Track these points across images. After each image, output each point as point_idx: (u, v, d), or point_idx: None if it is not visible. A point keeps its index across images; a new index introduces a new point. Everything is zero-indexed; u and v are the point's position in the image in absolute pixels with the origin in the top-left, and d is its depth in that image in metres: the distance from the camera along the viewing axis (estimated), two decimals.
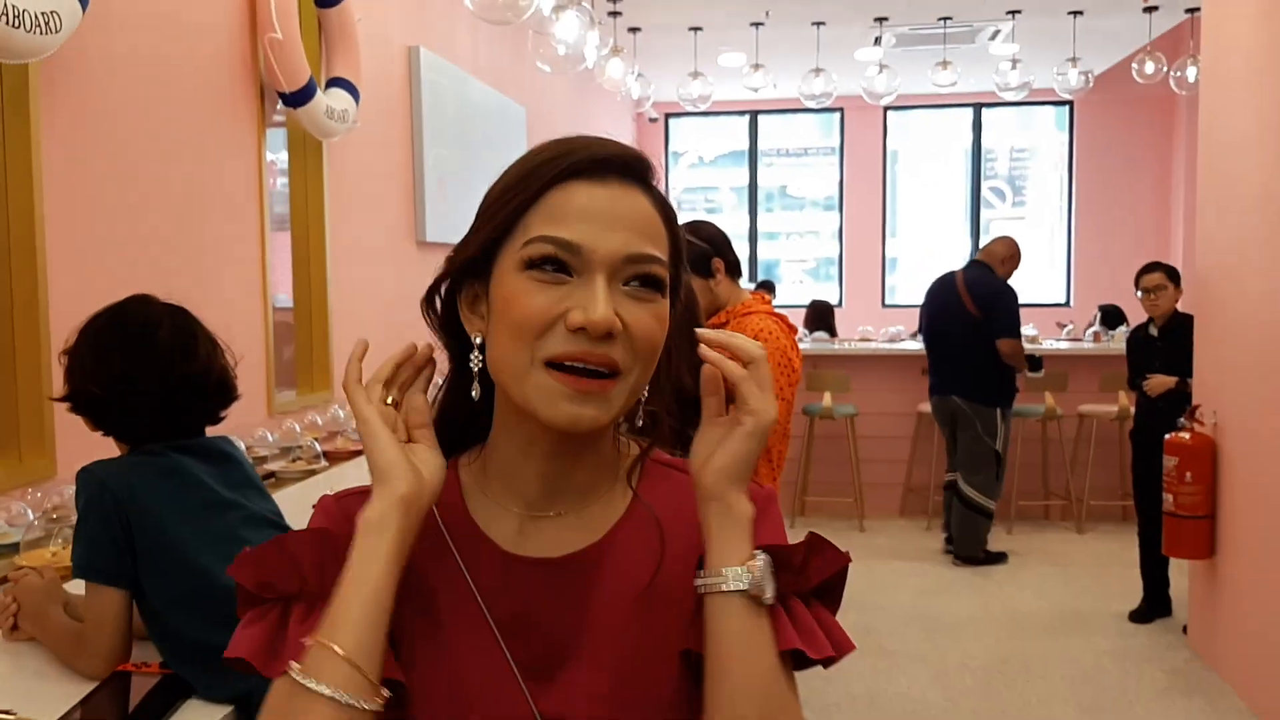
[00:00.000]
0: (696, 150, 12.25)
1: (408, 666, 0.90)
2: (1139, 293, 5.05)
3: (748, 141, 11.93)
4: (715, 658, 0.86)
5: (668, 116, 11.77)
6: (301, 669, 0.83)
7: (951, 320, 5.84)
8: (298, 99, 3.85)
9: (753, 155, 11.95)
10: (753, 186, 11.96)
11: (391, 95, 5.10)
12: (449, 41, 5.88)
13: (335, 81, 4.25)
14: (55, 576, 1.87)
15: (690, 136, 12.20)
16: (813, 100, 8.06)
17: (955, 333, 5.83)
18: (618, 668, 0.91)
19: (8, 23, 2.28)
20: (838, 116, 11.53)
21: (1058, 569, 5.86)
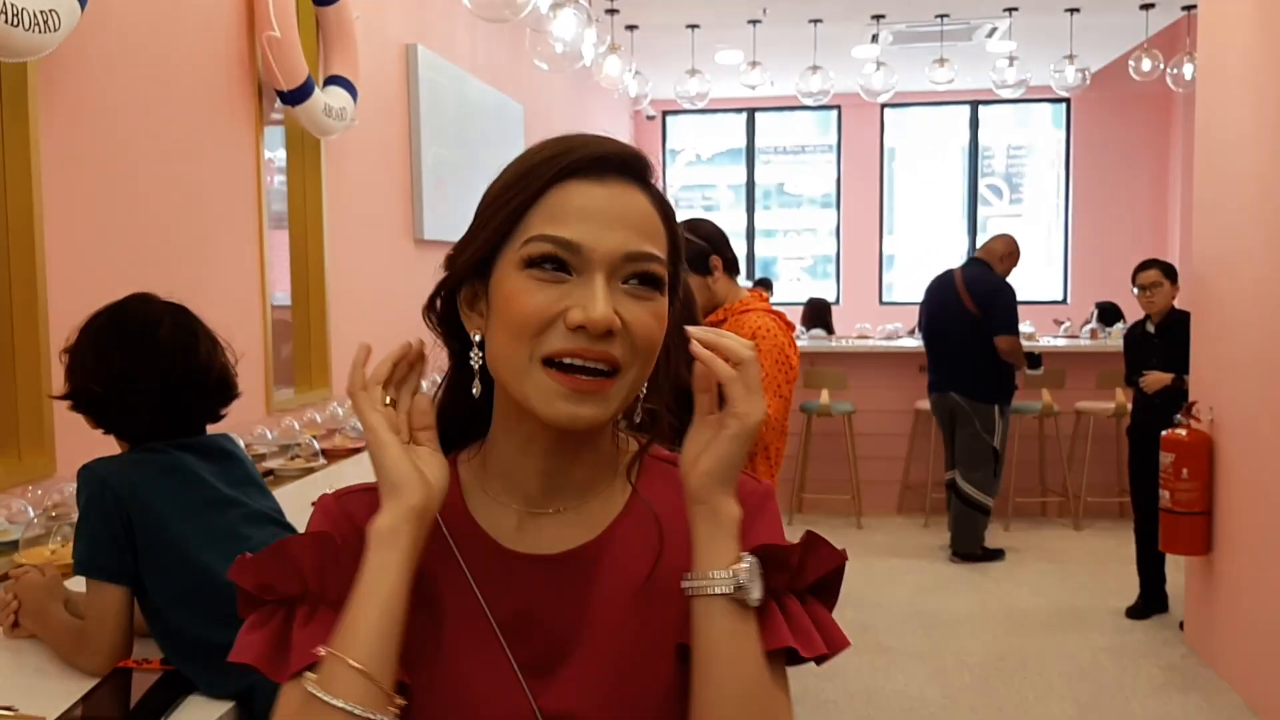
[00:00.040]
0: (694, 148, 12.26)
1: (409, 665, 0.90)
2: (1135, 290, 5.07)
3: (745, 139, 11.94)
4: (701, 660, 0.87)
5: (665, 114, 11.78)
6: (316, 680, 0.83)
7: (950, 318, 5.85)
8: (296, 97, 3.86)
9: (750, 153, 11.96)
10: (750, 184, 11.97)
11: (389, 93, 5.10)
12: (447, 39, 5.88)
13: (333, 79, 4.26)
14: (56, 574, 1.87)
15: (687, 134, 12.21)
16: (810, 98, 8.07)
17: (954, 330, 5.84)
18: (616, 663, 0.91)
19: (7, 21, 2.28)
20: (835, 114, 11.54)
21: (1055, 566, 5.87)
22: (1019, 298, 5.86)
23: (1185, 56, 7.35)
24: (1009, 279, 5.88)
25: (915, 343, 7.18)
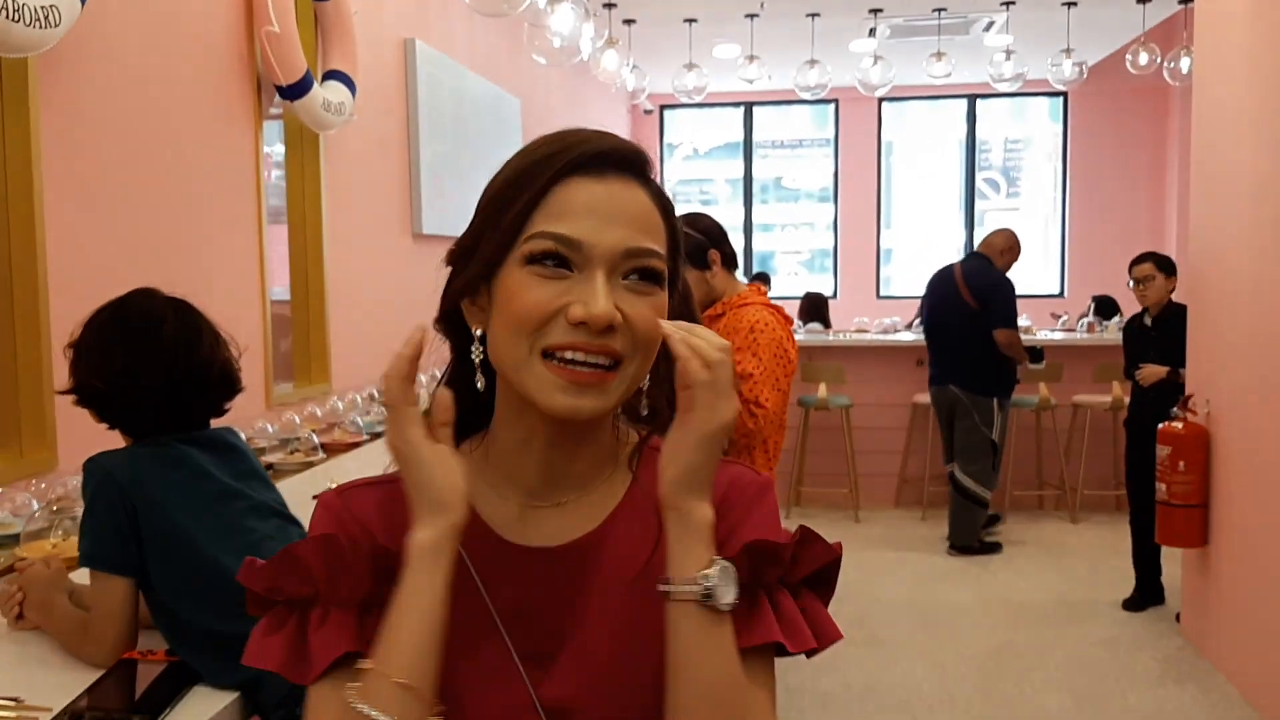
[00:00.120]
0: (691, 142, 12.25)
1: None
2: (1131, 283, 5.09)
3: (742, 133, 11.93)
4: (672, 662, 0.88)
5: (662, 108, 11.77)
6: (359, 695, 0.85)
7: (950, 311, 5.88)
8: (294, 92, 3.86)
9: (747, 147, 11.95)
10: (747, 178, 11.97)
11: (387, 88, 5.11)
12: (444, 34, 5.88)
13: (331, 74, 4.26)
14: (61, 566, 1.88)
15: (685, 128, 12.20)
16: (807, 92, 8.07)
17: (953, 324, 5.87)
18: (613, 652, 0.92)
19: (7, 16, 2.29)
20: (832, 108, 11.54)
21: (1052, 558, 5.89)
22: (1017, 292, 5.88)
23: (1182, 50, 7.35)
24: (1010, 273, 5.90)
25: (912, 336, 7.20)
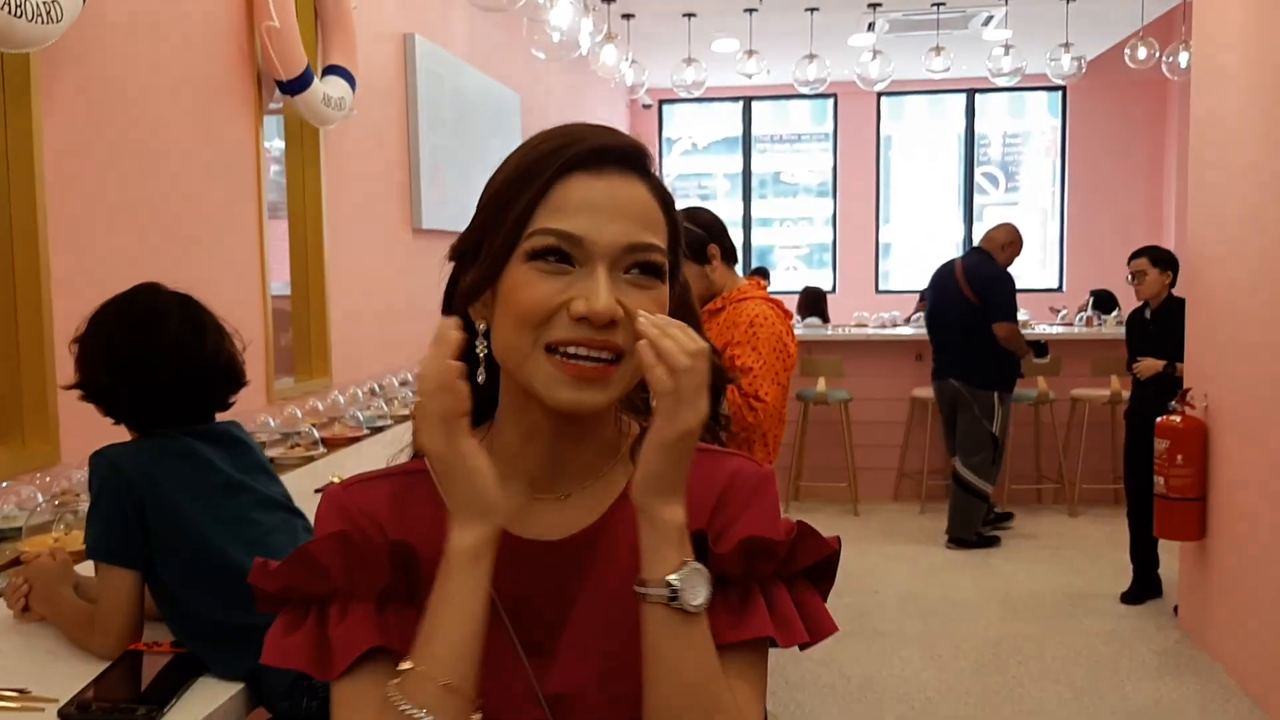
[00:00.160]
0: (690, 136, 12.25)
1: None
2: (1129, 277, 5.11)
3: (741, 128, 11.93)
4: (646, 662, 0.89)
5: (661, 103, 11.77)
6: (401, 694, 0.86)
7: (951, 306, 5.90)
8: (295, 86, 3.87)
9: (746, 141, 11.95)
10: (746, 173, 11.97)
11: (387, 83, 5.11)
12: (444, 29, 5.88)
13: (332, 69, 4.27)
14: (67, 558, 1.89)
15: (684, 123, 12.20)
16: (806, 86, 8.06)
17: (953, 319, 5.90)
18: (612, 643, 0.93)
19: (10, 12, 2.30)
20: (831, 103, 11.54)
21: (1050, 552, 5.90)
22: (1016, 286, 5.90)
23: (1181, 44, 7.35)
24: (1011, 267, 5.91)
25: (911, 331, 7.22)
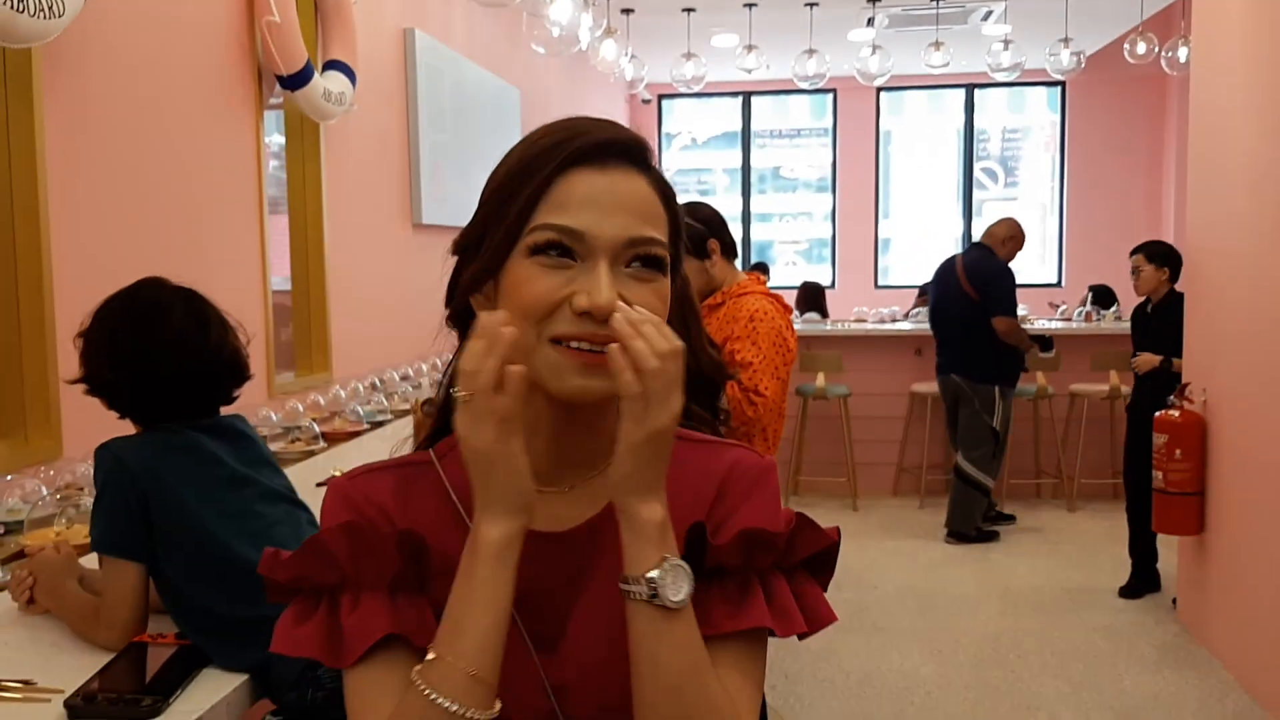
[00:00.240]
0: (689, 131, 12.26)
1: (431, 635, 0.93)
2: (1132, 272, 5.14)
3: (741, 123, 11.93)
4: (631, 658, 0.90)
5: (661, 98, 11.77)
6: (426, 683, 0.87)
7: (951, 302, 5.92)
8: (295, 81, 3.87)
9: (745, 137, 11.96)
10: (745, 168, 11.97)
11: (387, 78, 5.11)
12: (444, 24, 5.89)
13: (332, 64, 4.27)
14: (71, 551, 1.90)
15: (683, 118, 12.21)
16: (806, 81, 8.06)
17: (954, 314, 5.92)
18: (615, 633, 0.93)
19: (11, 7, 2.30)
20: (831, 98, 11.54)
21: (1049, 546, 5.92)
22: (1016, 281, 5.91)
23: (1180, 40, 7.35)
24: (1013, 262, 5.92)
25: (911, 326, 7.23)
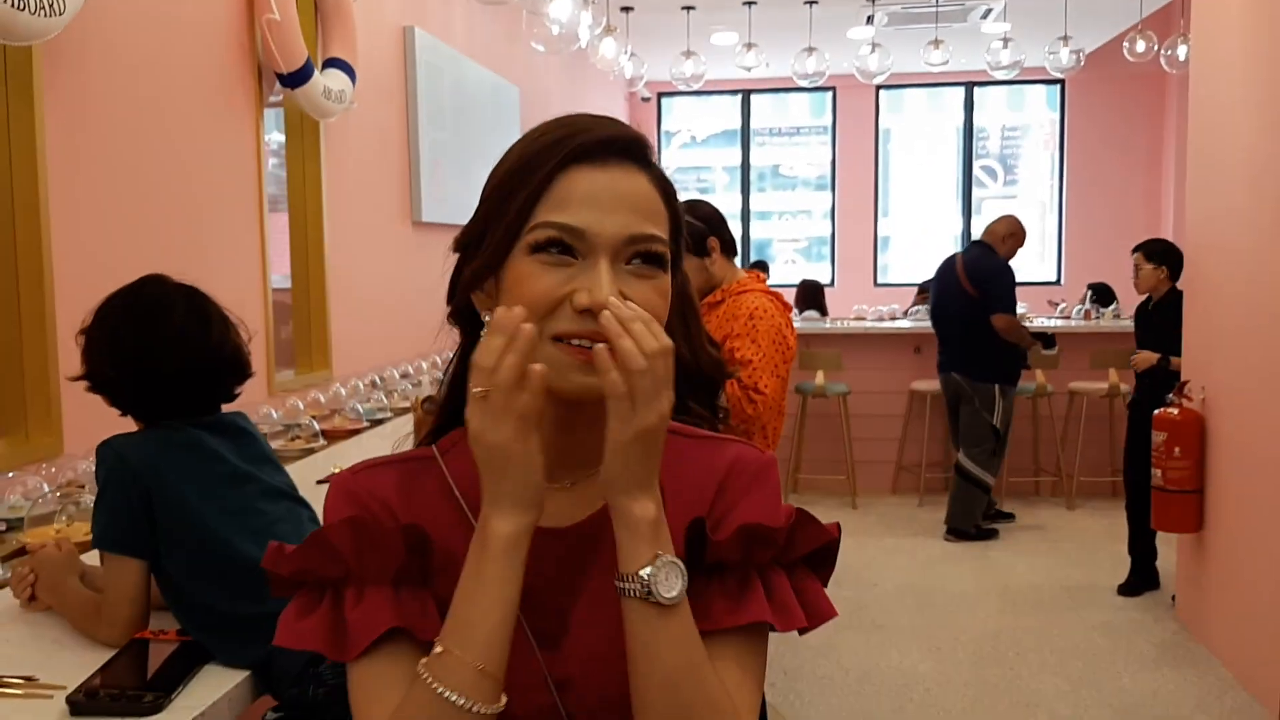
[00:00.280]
0: (689, 130, 12.26)
1: (437, 631, 0.93)
2: None
3: (740, 121, 11.93)
4: (628, 655, 0.91)
5: (660, 96, 11.77)
6: (434, 677, 0.87)
7: (952, 300, 5.93)
8: (295, 79, 3.87)
9: (745, 135, 11.96)
10: (745, 166, 11.97)
11: (387, 76, 5.12)
12: (444, 22, 5.89)
13: (332, 62, 4.27)
14: (72, 548, 1.91)
15: (683, 116, 12.21)
16: (805, 79, 8.05)
17: (954, 312, 5.93)
18: (615, 630, 0.94)
19: (12, 5, 2.31)
20: (830, 96, 11.54)
21: (1048, 544, 5.92)
22: (1015, 278, 5.92)
23: (1179, 38, 7.35)
24: (1013, 259, 5.93)
25: (910, 324, 7.23)
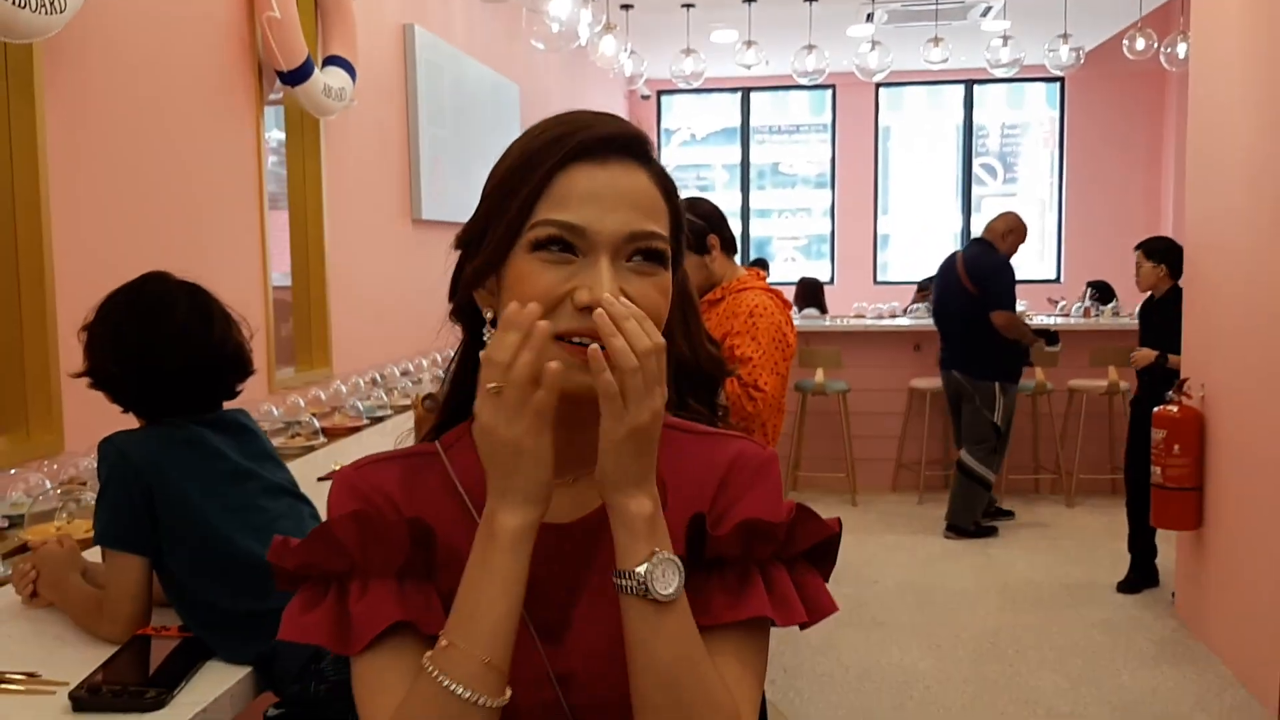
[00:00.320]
0: (689, 127, 12.27)
1: (442, 625, 0.94)
2: None
3: (740, 119, 11.94)
4: (627, 652, 0.92)
5: (660, 94, 11.77)
6: (436, 665, 0.88)
7: (952, 297, 5.94)
8: (296, 77, 3.88)
9: (745, 132, 11.96)
10: (745, 164, 11.98)
11: (387, 74, 5.12)
12: (443, 19, 5.89)
13: (332, 60, 4.28)
14: (74, 545, 1.91)
15: (682, 114, 12.21)
16: (805, 77, 8.05)
17: (954, 310, 5.94)
18: (617, 626, 0.94)
19: (13, 3, 2.31)
20: (830, 93, 11.54)
21: (1048, 542, 5.93)
22: (1015, 276, 5.92)
23: (1179, 35, 7.35)
24: (1015, 255, 5.93)
25: (909, 322, 7.24)
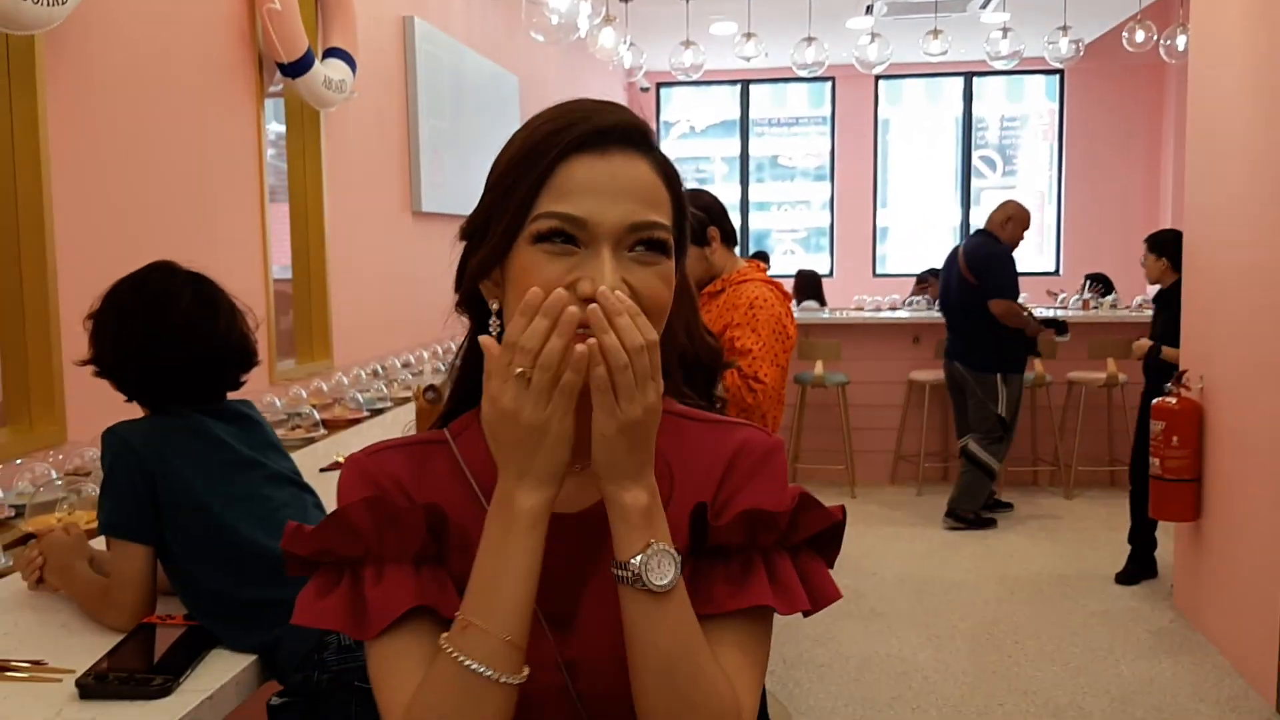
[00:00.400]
0: (688, 120, 12.25)
1: (454, 609, 0.95)
2: None
3: (739, 111, 11.93)
4: (626, 642, 0.93)
5: (659, 86, 11.76)
6: (456, 645, 0.89)
7: (953, 289, 5.95)
8: (296, 69, 3.88)
9: (744, 125, 11.95)
10: (744, 156, 11.97)
11: (387, 66, 5.12)
12: (443, 11, 5.89)
13: (332, 51, 4.28)
14: (81, 533, 1.92)
15: (682, 106, 12.20)
16: (804, 70, 8.04)
17: (955, 300, 5.95)
18: (619, 613, 0.95)
19: None
20: (829, 86, 11.54)
21: (1046, 533, 5.94)
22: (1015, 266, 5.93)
23: (1179, 28, 7.34)
24: (1020, 243, 5.94)
25: (909, 314, 7.25)
